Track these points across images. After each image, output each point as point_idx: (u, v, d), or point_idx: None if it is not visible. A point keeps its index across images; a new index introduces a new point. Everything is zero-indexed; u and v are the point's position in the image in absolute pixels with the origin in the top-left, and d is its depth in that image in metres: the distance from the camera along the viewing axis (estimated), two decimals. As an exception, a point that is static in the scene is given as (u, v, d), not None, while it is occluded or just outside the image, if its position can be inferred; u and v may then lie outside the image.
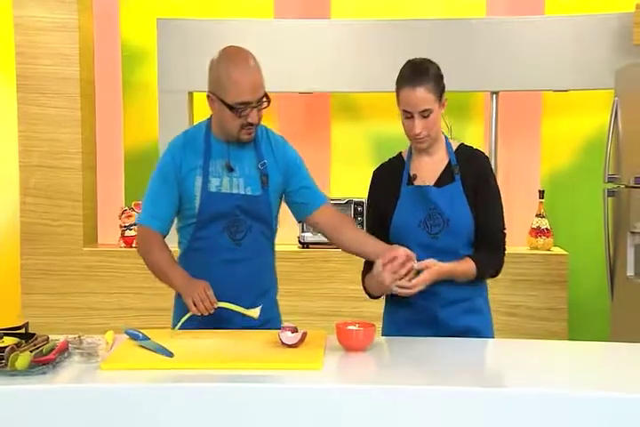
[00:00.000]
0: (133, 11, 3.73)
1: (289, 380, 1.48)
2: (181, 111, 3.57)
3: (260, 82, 1.86)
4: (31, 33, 3.42)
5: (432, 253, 1.83)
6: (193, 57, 3.50)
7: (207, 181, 1.90)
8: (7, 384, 1.47)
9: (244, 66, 1.87)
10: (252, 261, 1.93)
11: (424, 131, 1.86)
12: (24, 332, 1.72)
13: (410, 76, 1.86)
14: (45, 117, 3.50)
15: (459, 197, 1.88)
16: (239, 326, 1.82)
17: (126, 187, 3.84)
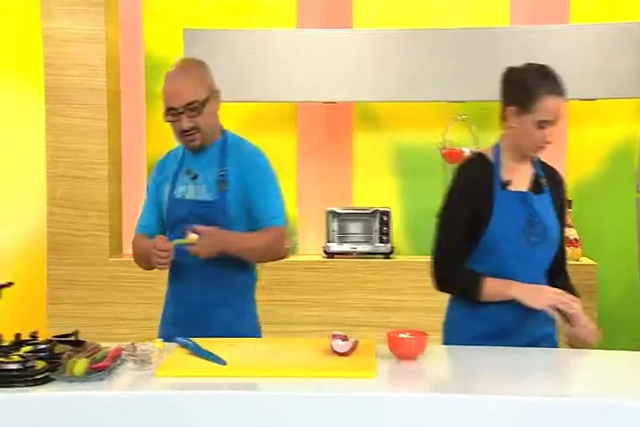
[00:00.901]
0: (157, 22, 3.80)
1: (344, 388, 1.51)
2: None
3: (185, 89, 1.95)
4: (59, 44, 3.50)
5: (527, 264, 1.82)
6: (218, 67, 3.54)
7: (174, 188, 2.03)
8: (65, 390, 1.51)
9: (175, 74, 2.00)
10: (208, 266, 1.97)
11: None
12: (74, 339, 1.76)
13: (552, 84, 1.80)
14: (72, 128, 3.56)
15: (550, 208, 1.88)
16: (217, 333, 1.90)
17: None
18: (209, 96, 1.99)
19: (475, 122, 3.60)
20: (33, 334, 1.75)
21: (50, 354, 1.64)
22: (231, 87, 3.57)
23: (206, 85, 2.00)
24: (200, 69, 2.02)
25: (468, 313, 1.90)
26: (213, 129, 2.03)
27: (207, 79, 2.03)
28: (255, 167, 2.02)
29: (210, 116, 2.00)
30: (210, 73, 2.06)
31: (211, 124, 2.01)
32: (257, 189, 1.98)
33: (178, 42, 3.65)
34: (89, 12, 3.48)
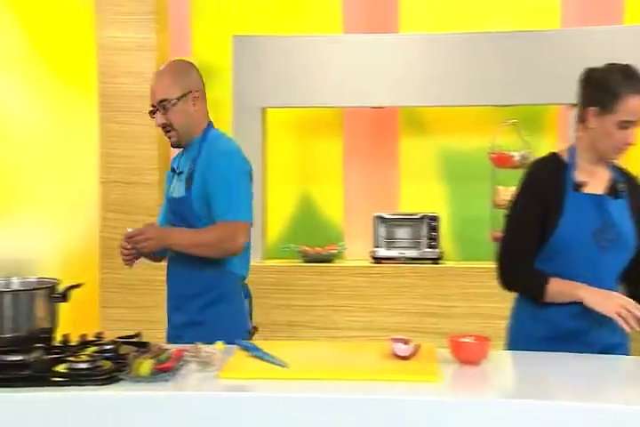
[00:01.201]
0: (205, 29, 3.86)
1: (409, 392, 1.51)
2: (255, 127, 3.67)
3: (157, 88, 2.09)
4: (112, 53, 3.58)
5: (596, 269, 1.80)
6: (266, 73, 3.61)
7: (169, 186, 2.23)
8: (132, 390, 1.54)
9: (155, 74, 2.17)
10: (181, 260, 2.09)
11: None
12: (138, 340, 1.80)
13: (636, 83, 1.78)
14: (124, 135, 3.64)
15: (627, 213, 1.86)
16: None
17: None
18: (182, 95, 2.08)
19: (524, 126, 3.58)
20: (98, 335, 1.80)
21: (115, 355, 1.68)
22: (279, 93, 3.63)
23: (180, 85, 2.09)
24: (178, 70, 2.12)
25: (530, 316, 1.89)
26: (189, 127, 2.11)
27: (183, 79, 2.10)
28: (216, 165, 2.05)
29: (183, 115, 2.09)
30: (191, 74, 2.14)
31: (184, 122, 2.09)
32: (215, 186, 2.02)
33: (226, 48, 3.72)
34: (141, 20, 3.56)
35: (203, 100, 2.16)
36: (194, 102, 2.11)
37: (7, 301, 1.63)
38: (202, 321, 2.07)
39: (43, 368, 1.59)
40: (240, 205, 2.02)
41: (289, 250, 3.71)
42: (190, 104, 2.10)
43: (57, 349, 1.72)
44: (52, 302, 1.68)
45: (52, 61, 3.82)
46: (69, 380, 1.56)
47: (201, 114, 2.14)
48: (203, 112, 2.15)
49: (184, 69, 2.13)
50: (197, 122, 2.12)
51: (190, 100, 2.10)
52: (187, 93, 2.09)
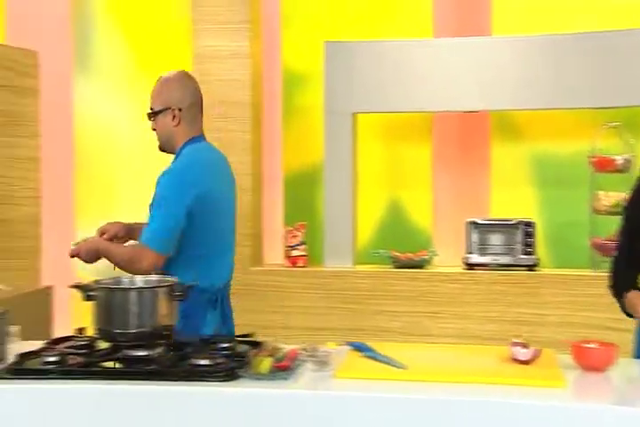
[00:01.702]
0: (294, 36, 3.94)
1: (533, 396, 1.49)
2: (345, 132, 3.71)
3: (152, 94, 2.21)
4: (208, 61, 3.70)
5: None
6: (357, 78, 3.65)
7: None
8: (252, 387, 1.58)
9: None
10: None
11: None
12: (252, 340, 1.85)
13: None
14: (219, 141, 3.71)
15: None
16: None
17: (286, 208, 4.02)
18: (162, 110, 2.17)
19: (626, 128, 3.47)
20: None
21: (233, 353, 1.74)
22: (369, 98, 3.66)
23: (162, 99, 2.18)
24: (168, 85, 2.20)
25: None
26: (167, 140, 2.21)
27: (167, 94, 2.18)
28: (160, 184, 2.13)
29: (163, 128, 2.19)
30: (178, 92, 2.19)
31: (163, 134, 2.20)
32: (153, 205, 2.11)
33: (316, 55, 3.78)
34: (236, 29, 3.67)
35: (187, 117, 2.19)
36: (173, 118, 2.17)
37: (133, 297, 1.71)
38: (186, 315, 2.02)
39: (167, 363, 1.65)
40: (155, 233, 2.06)
41: (379, 256, 3.72)
42: (169, 118, 2.17)
43: (176, 345, 1.79)
44: (173, 300, 1.75)
45: (150, 71, 3.98)
46: (191, 375, 1.62)
47: (182, 129, 2.19)
48: (185, 128, 2.19)
49: (174, 85, 2.20)
50: (176, 137, 2.19)
51: (170, 115, 2.17)
52: (165, 109, 2.17)
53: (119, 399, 1.61)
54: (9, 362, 1.69)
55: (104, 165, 4.00)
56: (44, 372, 1.63)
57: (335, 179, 3.73)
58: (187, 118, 2.19)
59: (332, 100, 3.69)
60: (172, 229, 2.07)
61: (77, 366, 1.65)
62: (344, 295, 3.68)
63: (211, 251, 2.14)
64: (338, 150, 3.72)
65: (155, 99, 2.19)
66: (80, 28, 4.05)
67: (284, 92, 3.99)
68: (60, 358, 1.66)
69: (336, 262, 3.73)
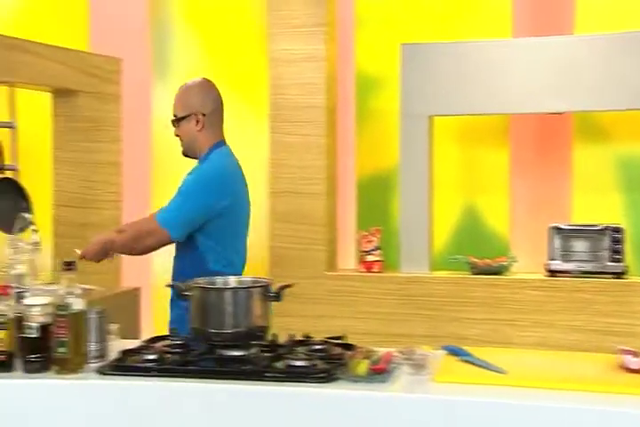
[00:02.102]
0: (369, 38, 3.95)
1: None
2: (422, 136, 3.70)
3: (173, 103, 2.35)
4: (283, 65, 3.76)
5: None
6: (434, 80, 3.64)
7: None
8: (351, 389, 1.60)
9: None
10: (175, 259, 2.35)
11: None
12: (344, 342, 1.86)
13: None
14: (293, 145, 3.79)
15: None
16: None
17: (358, 212, 4.03)
18: (186, 116, 2.31)
19: None
20: (307, 336, 1.88)
21: (327, 354, 1.75)
22: (447, 100, 3.64)
23: (185, 105, 2.32)
24: (189, 92, 2.35)
25: None
26: (192, 144, 2.34)
27: (189, 100, 2.33)
28: (189, 178, 2.28)
29: (186, 133, 2.33)
30: (200, 98, 2.34)
31: (188, 139, 2.33)
32: (177, 190, 2.25)
33: (390, 57, 3.79)
34: (312, 32, 3.71)
35: (210, 122, 2.34)
36: (197, 122, 2.30)
37: (228, 297, 1.74)
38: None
39: (262, 364, 1.68)
40: (172, 215, 2.21)
41: (456, 261, 3.69)
42: (193, 123, 2.31)
43: (268, 347, 1.82)
44: (267, 301, 1.78)
45: (226, 76, 4.07)
46: (287, 376, 1.65)
47: (206, 134, 2.33)
48: (209, 132, 2.33)
49: (196, 91, 2.33)
50: (201, 141, 2.33)
51: (193, 121, 2.30)
52: (189, 115, 2.30)
53: (216, 398, 1.65)
54: (110, 359, 1.76)
55: (180, 169, 4.10)
56: (144, 369, 1.68)
57: (411, 183, 3.72)
58: (209, 123, 2.33)
59: (408, 102, 3.69)
60: (189, 219, 2.22)
61: (176, 365, 1.69)
62: (420, 301, 3.66)
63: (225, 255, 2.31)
64: (414, 154, 3.71)
65: (178, 105, 2.32)
66: (158, 34, 4.18)
67: (357, 95, 4.01)
68: (159, 357, 1.71)
69: (412, 268, 3.71)
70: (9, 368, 1.69)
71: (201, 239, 2.26)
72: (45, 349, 1.67)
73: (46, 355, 1.68)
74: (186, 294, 1.77)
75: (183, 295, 1.77)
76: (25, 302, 1.69)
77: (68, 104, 3.36)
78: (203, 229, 2.24)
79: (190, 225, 2.22)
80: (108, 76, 3.54)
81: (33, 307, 1.66)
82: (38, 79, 3.11)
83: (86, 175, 3.42)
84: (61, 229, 3.30)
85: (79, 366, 1.68)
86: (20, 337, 1.68)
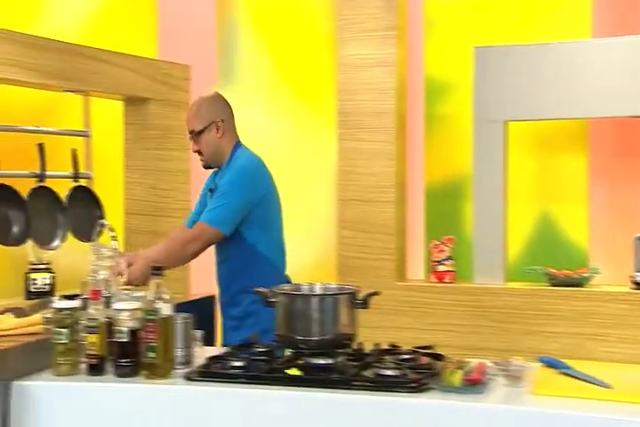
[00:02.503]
0: (438, 42, 3.94)
1: None
2: (496, 141, 3.65)
3: (187, 121, 2.54)
4: (352, 70, 3.77)
5: None
6: (509, 84, 3.59)
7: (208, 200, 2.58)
8: (446, 399, 1.58)
9: (188, 108, 2.65)
10: (230, 261, 2.49)
11: None
12: (433, 352, 1.85)
13: None
14: (362, 152, 3.80)
15: None
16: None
17: (427, 221, 4.00)
18: (206, 127, 2.49)
19: None
20: (393, 345, 1.87)
21: (416, 364, 1.74)
22: (522, 105, 3.58)
23: (203, 118, 2.51)
24: (202, 105, 2.54)
25: None
26: (216, 151, 2.52)
27: (206, 112, 2.52)
28: (224, 179, 2.45)
29: (209, 143, 2.51)
30: (214, 106, 2.55)
31: (211, 149, 2.51)
32: (215, 195, 2.43)
33: (461, 61, 3.76)
34: (383, 37, 3.71)
35: (228, 127, 2.55)
36: (217, 130, 2.51)
37: (314, 304, 1.75)
38: (255, 311, 2.39)
39: (350, 372, 1.68)
40: (216, 212, 2.37)
41: (533, 272, 3.62)
42: (214, 132, 2.50)
43: (353, 355, 1.82)
44: (354, 308, 1.78)
45: (294, 82, 4.12)
46: (377, 385, 1.64)
47: (227, 138, 2.53)
48: (228, 136, 2.54)
49: (208, 103, 2.55)
50: (224, 146, 2.53)
51: (214, 130, 2.50)
52: (210, 124, 2.49)
53: (302, 406, 1.66)
54: (196, 365, 1.78)
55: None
56: (231, 376, 1.70)
57: (485, 191, 3.67)
58: (227, 128, 2.54)
59: (482, 107, 3.65)
60: (235, 213, 2.38)
61: (262, 372, 1.71)
62: (495, 313, 3.59)
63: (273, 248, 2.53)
64: (488, 161, 3.67)
65: (194, 121, 2.51)
66: (225, 40, 4.26)
67: (426, 100, 4.00)
68: (246, 364, 1.73)
69: (486, 279, 3.66)
70: (100, 372, 1.74)
71: (247, 231, 2.44)
72: (135, 353, 1.71)
73: (136, 360, 1.71)
74: (271, 301, 1.79)
75: (268, 302, 1.79)
76: (115, 307, 1.73)
77: (138, 112, 3.45)
78: (246, 221, 2.42)
79: (237, 219, 2.40)
80: (178, 84, 3.63)
81: (123, 312, 1.71)
82: (111, 87, 3.20)
83: (156, 183, 3.49)
84: (133, 237, 3.38)
85: (167, 371, 1.71)
86: (111, 341, 1.72)
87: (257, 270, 2.45)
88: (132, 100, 3.42)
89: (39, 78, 2.83)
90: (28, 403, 1.69)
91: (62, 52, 2.94)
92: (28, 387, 1.71)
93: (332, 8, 3.88)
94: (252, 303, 2.36)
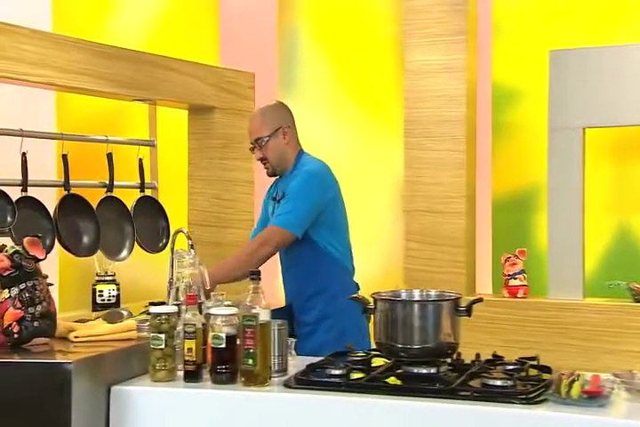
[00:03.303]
0: (506, 47, 3.92)
1: None
2: (573, 149, 3.60)
3: (252, 128, 2.64)
4: (419, 77, 3.77)
5: None
6: (587, 89, 3.55)
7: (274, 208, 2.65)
8: (565, 412, 1.55)
9: (250, 116, 2.80)
10: (297, 266, 2.58)
11: None
12: (538, 364, 1.82)
13: None
14: (430, 161, 3.78)
15: None
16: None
17: (494, 233, 3.96)
18: (272, 134, 2.59)
19: None
20: (495, 355, 1.85)
21: (525, 376, 1.71)
22: (601, 110, 3.53)
23: (269, 125, 2.61)
24: (267, 112, 2.67)
25: None
26: (282, 157, 2.63)
27: (271, 119, 2.63)
28: (292, 184, 2.53)
29: (275, 149, 2.60)
30: (279, 112, 2.68)
31: (277, 155, 2.61)
32: (285, 199, 2.52)
33: (530, 66, 3.75)
34: (451, 42, 3.72)
35: (292, 132, 2.66)
36: (284, 136, 2.61)
37: (416, 310, 1.74)
38: (330, 314, 2.49)
39: (454, 382, 1.66)
40: (286, 215, 2.46)
41: (615, 287, 3.54)
42: (280, 138, 2.61)
43: (453, 366, 1.80)
44: (457, 316, 1.76)
45: (354, 89, 4.14)
46: (487, 396, 1.61)
47: (291, 145, 2.65)
48: (293, 142, 2.66)
49: (272, 109, 2.67)
50: (289, 152, 2.63)
51: (280, 135, 2.61)
52: (277, 130, 2.60)
53: (404, 415, 1.64)
54: (292, 373, 1.78)
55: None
56: (331, 384, 1.70)
57: (561, 201, 3.61)
58: (292, 135, 2.66)
59: (558, 114, 3.61)
60: (305, 216, 2.47)
61: (362, 381, 1.70)
62: (572, 331, 3.53)
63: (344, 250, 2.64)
64: (564, 170, 3.62)
65: (260, 128, 2.60)
66: (285, 47, 4.31)
67: (493, 107, 3.98)
68: (345, 372, 1.72)
69: (561, 294, 3.60)
70: (197, 379, 1.75)
71: (316, 234, 2.53)
72: (232, 360, 1.71)
73: (233, 366, 1.72)
74: (368, 308, 1.78)
75: (366, 309, 1.78)
76: (211, 312, 1.75)
77: (203, 121, 3.50)
78: (315, 224, 2.51)
79: (307, 222, 2.49)
80: (242, 92, 3.67)
81: (219, 317, 1.71)
82: (178, 96, 3.25)
83: (220, 193, 3.53)
84: (197, 248, 3.40)
85: (266, 378, 1.71)
86: (209, 348, 1.73)
87: (328, 272, 2.52)
88: (196, 108, 3.47)
89: (110, 87, 2.90)
90: (127, 408, 1.72)
91: (131, 60, 3.00)
92: (127, 391, 1.75)
93: (396, 13, 3.90)
94: (327, 306, 2.44)
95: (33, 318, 1.78)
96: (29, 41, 2.59)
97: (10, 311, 1.76)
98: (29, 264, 1.79)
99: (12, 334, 1.80)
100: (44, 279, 1.83)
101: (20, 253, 1.79)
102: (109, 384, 1.75)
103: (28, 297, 1.77)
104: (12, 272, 1.77)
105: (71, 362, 1.67)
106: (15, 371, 1.71)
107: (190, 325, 1.73)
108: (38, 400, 1.67)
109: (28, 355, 1.79)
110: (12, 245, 1.82)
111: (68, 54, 2.72)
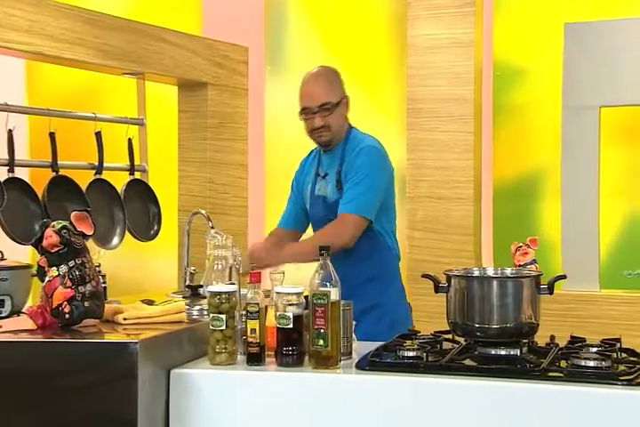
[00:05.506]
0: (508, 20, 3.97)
1: None
2: (588, 129, 3.66)
3: (319, 91, 2.57)
4: (424, 52, 3.77)
5: None
6: (604, 66, 3.61)
7: (314, 186, 2.66)
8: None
9: (311, 78, 2.65)
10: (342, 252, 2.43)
11: None
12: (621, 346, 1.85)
13: None
14: (436, 143, 3.78)
15: None
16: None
17: (495, 220, 4.01)
18: (340, 100, 2.60)
19: None
20: (575, 336, 1.87)
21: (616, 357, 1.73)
22: (618, 88, 3.59)
23: (338, 90, 2.62)
24: (333, 75, 2.65)
25: None
26: (341, 129, 2.62)
27: (339, 85, 2.64)
28: (355, 162, 2.53)
29: (339, 117, 2.61)
30: (341, 80, 2.67)
31: (339, 124, 2.61)
32: (349, 180, 2.51)
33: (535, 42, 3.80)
34: (459, 14, 3.73)
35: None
36: (346, 106, 2.64)
37: (495, 288, 1.75)
38: (381, 302, 2.50)
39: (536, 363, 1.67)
40: (356, 200, 2.47)
41: (634, 277, 3.63)
42: (344, 109, 2.63)
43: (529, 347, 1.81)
44: (538, 294, 1.77)
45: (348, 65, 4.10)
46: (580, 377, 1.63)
47: (346, 118, 2.67)
48: (347, 116, 2.67)
49: (337, 76, 2.67)
50: (345, 126, 2.66)
51: (344, 106, 2.62)
52: (343, 98, 2.62)
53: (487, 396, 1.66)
54: (362, 355, 1.77)
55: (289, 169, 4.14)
56: (407, 365, 1.71)
57: (576, 186, 3.66)
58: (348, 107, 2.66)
59: (572, 92, 3.65)
60: (374, 197, 2.50)
61: (439, 362, 1.70)
62: (589, 324, 3.59)
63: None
64: (579, 152, 3.67)
65: (328, 93, 2.58)
66: (272, 23, 4.26)
67: (495, 86, 4.01)
68: (419, 353, 1.72)
69: (576, 285, 3.66)
70: (261, 361, 1.73)
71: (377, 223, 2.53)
72: (300, 341, 1.69)
73: (300, 348, 1.70)
74: (442, 286, 1.78)
75: (439, 287, 1.78)
76: (277, 291, 1.72)
77: (194, 98, 3.44)
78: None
79: (379, 203, 2.52)
80: (236, 67, 3.63)
81: (287, 295, 1.69)
82: (168, 70, 3.20)
83: (212, 177, 3.48)
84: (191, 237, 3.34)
85: (337, 360, 1.70)
86: (268, 329, 1.71)
87: (381, 258, 2.55)
88: (187, 84, 3.42)
89: (100, 58, 2.84)
90: (188, 391, 1.71)
91: (121, 29, 2.95)
92: (187, 375, 1.74)
93: (398, -17, 3.91)
94: (379, 294, 2.44)
95: (83, 297, 1.73)
96: (19, 6, 2.52)
97: (59, 290, 1.71)
98: (78, 240, 1.74)
99: (62, 315, 1.75)
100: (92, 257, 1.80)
101: (68, 228, 1.74)
102: (169, 368, 1.74)
103: (79, 275, 1.72)
104: (61, 249, 1.72)
105: (137, 342, 1.65)
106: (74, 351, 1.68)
107: (253, 304, 1.70)
108: (103, 383, 1.65)
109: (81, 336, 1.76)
110: (58, 221, 1.76)
111: (58, 21, 2.65)
